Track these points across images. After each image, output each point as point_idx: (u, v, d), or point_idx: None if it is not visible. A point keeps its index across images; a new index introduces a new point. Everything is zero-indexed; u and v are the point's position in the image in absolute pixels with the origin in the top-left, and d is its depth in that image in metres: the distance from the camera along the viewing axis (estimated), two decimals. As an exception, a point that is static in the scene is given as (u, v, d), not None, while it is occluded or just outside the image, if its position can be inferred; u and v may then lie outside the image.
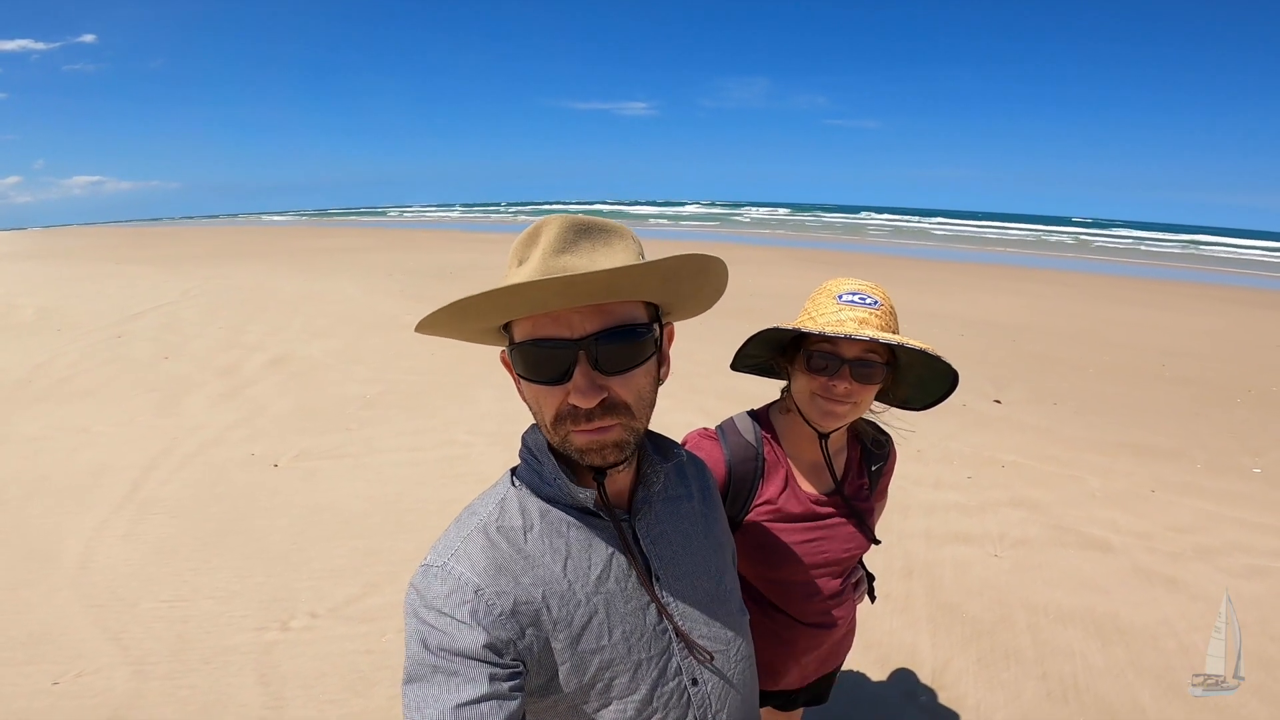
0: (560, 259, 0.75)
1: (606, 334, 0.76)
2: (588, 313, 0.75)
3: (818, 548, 1.32)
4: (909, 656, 2.80)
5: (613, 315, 0.77)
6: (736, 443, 1.31)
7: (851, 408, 1.20)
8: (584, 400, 0.76)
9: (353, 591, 3.19)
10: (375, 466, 4.58)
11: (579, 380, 0.75)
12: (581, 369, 0.75)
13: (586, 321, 0.75)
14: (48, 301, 10.93)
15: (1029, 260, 21.43)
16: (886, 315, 1.19)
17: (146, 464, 4.59)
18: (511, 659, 0.78)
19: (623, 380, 0.78)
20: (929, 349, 1.13)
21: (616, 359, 0.77)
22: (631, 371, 0.79)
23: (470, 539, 0.83)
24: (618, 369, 0.77)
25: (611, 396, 0.78)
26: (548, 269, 0.74)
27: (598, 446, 0.79)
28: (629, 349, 0.78)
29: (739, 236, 30.99)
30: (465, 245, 22.91)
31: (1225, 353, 8.20)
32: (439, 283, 13.04)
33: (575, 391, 0.75)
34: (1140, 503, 4.16)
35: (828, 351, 1.18)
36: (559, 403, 0.78)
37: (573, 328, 0.75)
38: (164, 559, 3.45)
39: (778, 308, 9.84)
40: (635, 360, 0.79)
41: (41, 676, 2.65)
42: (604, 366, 0.77)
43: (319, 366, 7.06)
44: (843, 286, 1.22)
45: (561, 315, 0.75)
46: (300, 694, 2.57)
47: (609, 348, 0.76)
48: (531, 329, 0.76)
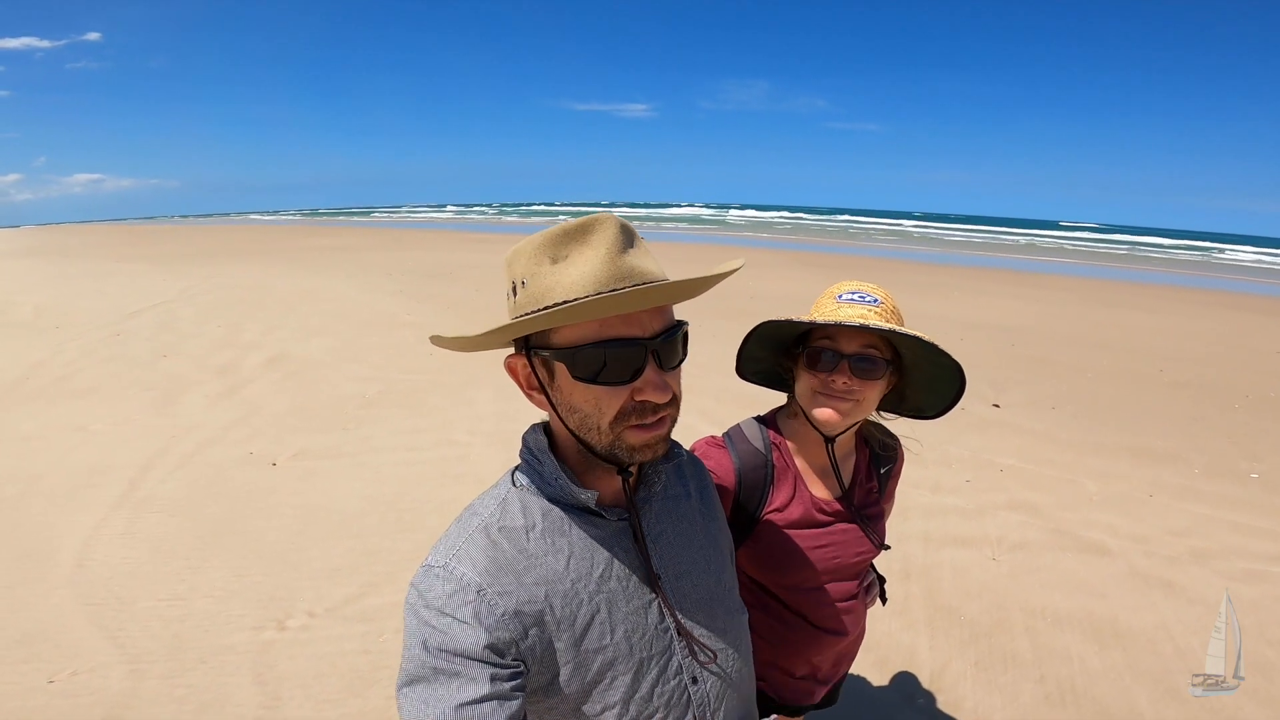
0: (626, 259, 0.76)
1: (668, 332, 0.80)
2: (655, 313, 0.79)
3: (829, 553, 1.31)
4: (907, 659, 2.80)
5: (668, 316, 0.82)
6: (745, 450, 1.31)
7: (854, 406, 1.18)
8: (662, 395, 0.79)
9: (350, 591, 3.19)
10: (373, 466, 4.58)
11: (653, 377, 0.78)
12: (653, 366, 0.78)
13: (654, 321, 0.79)
14: (45, 299, 10.91)
15: (1028, 264, 21.46)
16: (887, 313, 1.18)
17: (144, 463, 4.58)
18: (513, 659, 0.78)
19: (675, 375, 0.83)
20: (924, 336, 1.11)
21: (673, 355, 0.82)
22: (679, 367, 0.84)
23: (472, 539, 0.83)
24: (674, 364, 0.82)
25: (672, 390, 0.82)
26: (618, 269, 0.75)
27: (654, 441, 0.82)
28: (680, 346, 0.83)
29: (737, 239, 31.01)
30: (462, 245, 22.91)
31: (1224, 357, 8.22)
32: (437, 282, 13.03)
33: (651, 388, 0.78)
34: (1138, 507, 4.17)
35: (827, 347, 1.18)
36: (624, 401, 0.79)
37: (644, 327, 0.78)
38: (161, 558, 3.44)
39: (776, 310, 9.85)
40: (682, 355, 0.84)
41: (37, 675, 2.64)
42: (666, 363, 0.80)
43: (317, 365, 7.05)
44: (843, 287, 1.23)
45: (633, 316, 0.77)
46: (297, 694, 2.56)
47: (669, 345, 0.80)
48: (599, 330, 0.77)
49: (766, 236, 33.17)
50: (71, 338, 8.17)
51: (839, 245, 27.86)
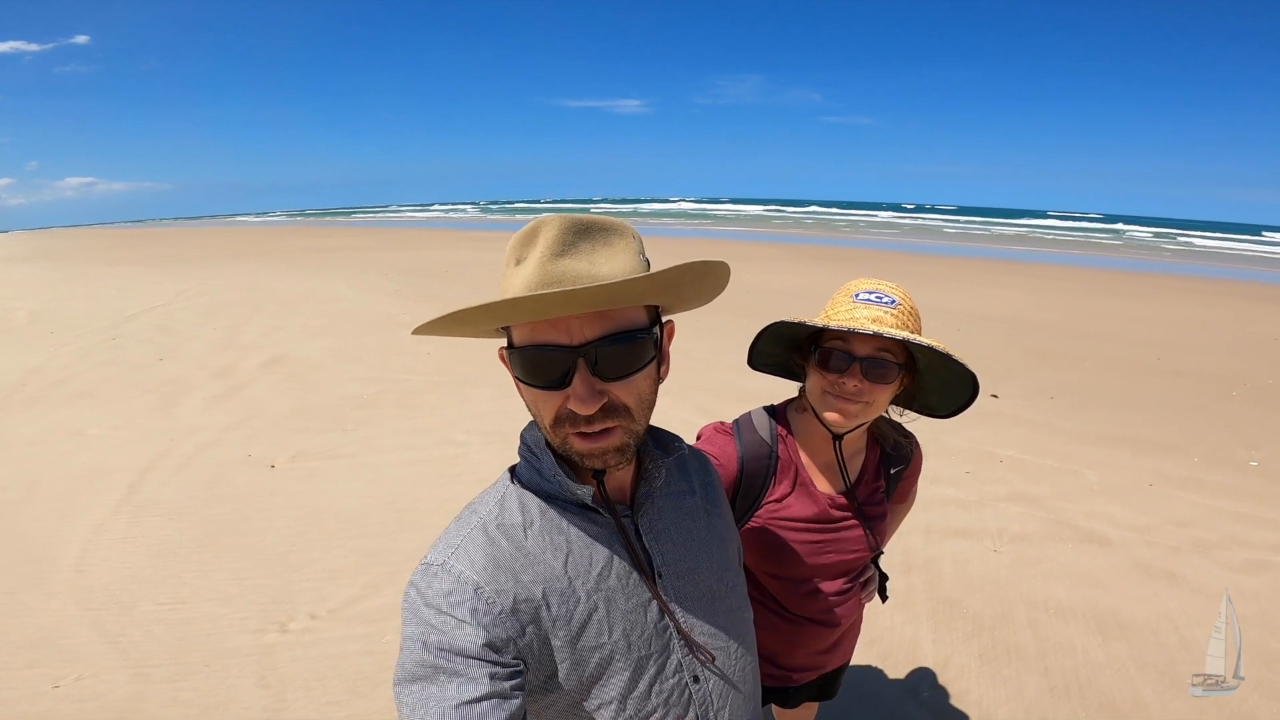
0: (559, 263, 0.73)
1: (606, 340, 0.75)
2: (588, 319, 0.74)
3: (825, 549, 1.31)
4: (910, 652, 2.81)
5: (612, 321, 0.75)
6: (751, 439, 1.30)
7: (863, 408, 1.18)
8: (583, 407, 0.75)
9: (352, 592, 3.18)
10: (373, 466, 4.57)
11: (578, 387, 0.74)
12: (581, 375, 0.74)
13: (586, 328, 0.74)
14: (41, 304, 10.88)
15: (1023, 255, 21.48)
16: (904, 315, 1.16)
17: (143, 466, 4.57)
18: (512, 658, 0.77)
19: (623, 385, 0.77)
20: (939, 346, 1.10)
21: (617, 364, 0.76)
22: (632, 376, 0.78)
23: (470, 537, 0.83)
24: (618, 374, 0.76)
25: (612, 400, 0.77)
26: (546, 274, 0.73)
27: (599, 451, 0.79)
28: (629, 354, 0.77)
29: (733, 233, 31.00)
30: (459, 243, 22.90)
31: (1221, 346, 8.23)
32: (434, 281, 13.02)
33: (574, 398, 0.75)
34: (1138, 497, 4.18)
35: (840, 349, 1.16)
36: (558, 406, 0.77)
37: (572, 334, 0.74)
38: (162, 561, 3.44)
39: (775, 304, 9.85)
40: (635, 365, 0.78)
41: (41, 680, 2.64)
42: (604, 372, 0.76)
43: (315, 367, 7.04)
44: (861, 285, 1.20)
45: (560, 321, 0.73)
46: (301, 696, 2.56)
47: (609, 353, 0.75)
48: (530, 334, 0.76)
49: (764, 230, 33.16)
50: (68, 342, 8.15)
51: (836, 238, 27.83)
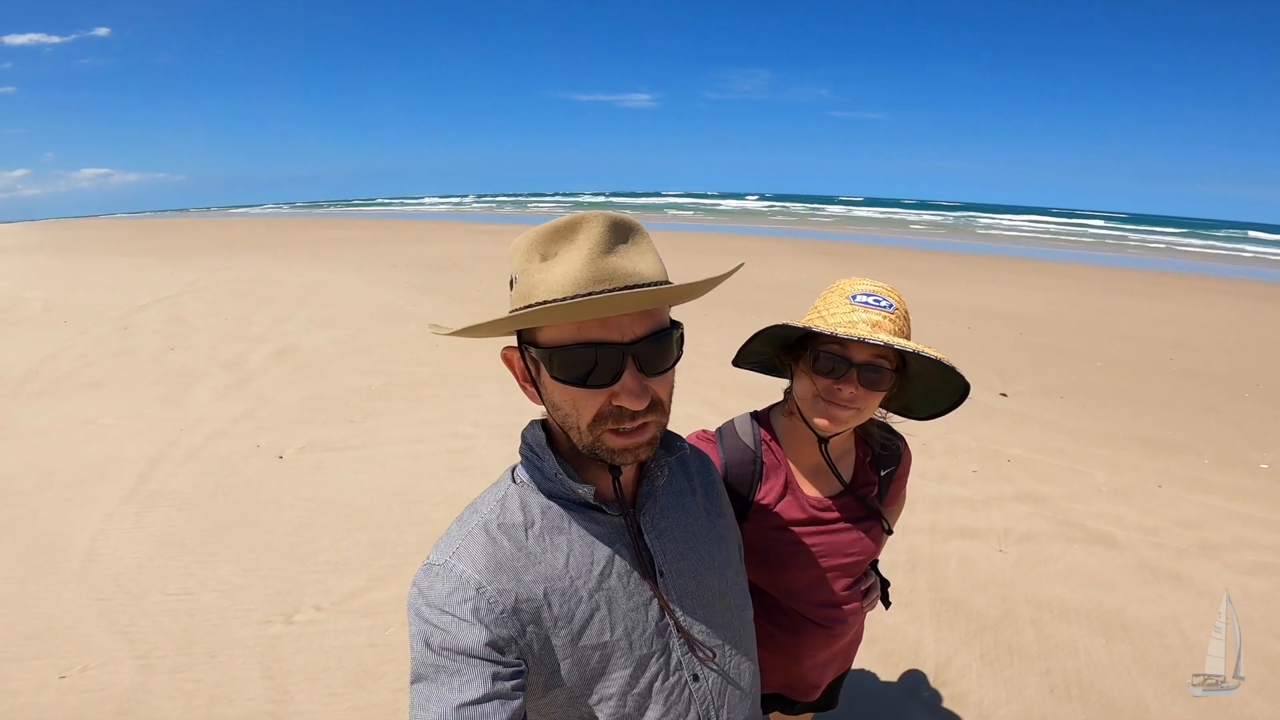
0: (609, 260, 0.74)
1: (652, 337, 0.77)
2: (638, 317, 0.76)
3: (820, 552, 1.29)
4: (912, 652, 2.80)
5: (655, 319, 0.78)
6: (733, 446, 1.28)
7: (855, 413, 1.16)
8: (637, 402, 0.76)
9: (357, 585, 3.20)
10: (380, 459, 4.59)
11: (630, 383, 0.76)
12: (631, 372, 0.76)
13: (636, 325, 0.76)
14: (54, 294, 10.97)
15: (1034, 252, 21.34)
16: (900, 319, 1.14)
17: (153, 456, 4.61)
18: (514, 657, 0.78)
19: (661, 380, 0.80)
20: (945, 359, 1.08)
21: (658, 360, 0.79)
22: (668, 371, 0.81)
23: (471, 537, 0.84)
24: (659, 370, 0.79)
25: (654, 396, 0.79)
26: (598, 271, 0.73)
27: (634, 446, 0.80)
28: (667, 350, 0.80)
29: (740, 227, 30.90)
30: (466, 236, 22.96)
31: (1233, 346, 8.15)
32: (443, 274, 13.05)
33: (627, 394, 0.76)
34: (1147, 498, 4.15)
35: (836, 353, 1.13)
36: (601, 404, 0.78)
37: (623, 331, 0.75)
38: (170, 552, 3.47)
39: (782, 300, 9.82)
40: (672, 360, 0.81)
41: (48, 670, 2.67)
42: (648, 368, 0.78)
43: (324, 358, 7.07)
44: (857, 287, 1.16)
45: (610, 320, 0.74)
46: (305, 687, 2.58)
47: (653, 349, 0.77)
48: (576, 332, 0.75)
49: (769, 225, 33.04)
50: (80, 332, 8.22)
51: (843, 233, 27.72)
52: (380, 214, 50.05)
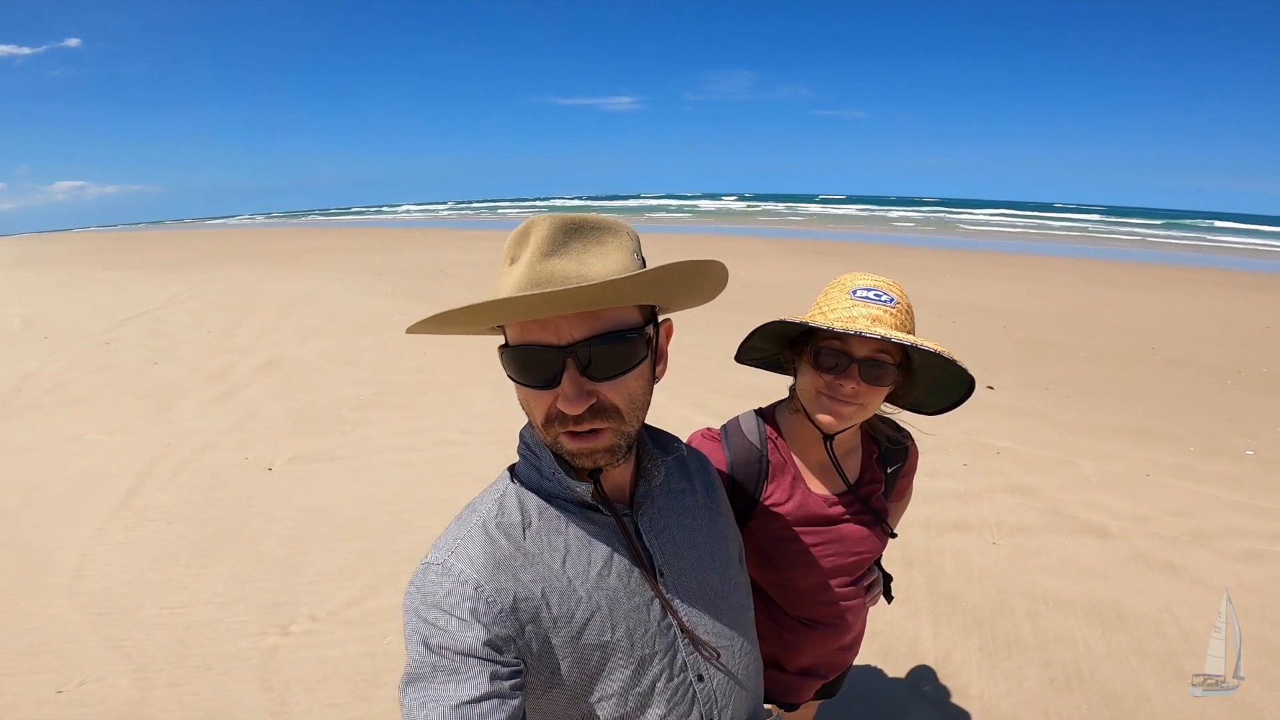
0: (548, 263, 0.73)
1: (595, 340, 0.74)
2: (576, 319, 0.74)
3: (826, 551, 1.28)
4: (911, 647, 2.81)
5: (602, 321, 0.75)
6: (739, 444, 1.27)
7: (857, 409, 1.15)
8: (571, 407, 0.75)
9: (352, 594, 3.18)
10: (370, 468, 4.56)
11: (566, 387, 0.74)
12: (569, 375, 0.74)
13: (574, 328, 0.74)
14: (33, 310, 10.80)
15: (1017, 246, 21.54)
16: (902, 314, 1.13)
17: (140, 471, 4.55)
18: (513, 657, 0.78)
19: (612, 385, 0.77)
20: (945, 352, 1.08)
21: (606, 364, 0.76)
22: (622, 376, 0.77)
23: (470, 536, 0.83)
24: (607, 374, 0.76)
25: (601, 401, 0.77)
26: (534, 274, 0.73)
27: (587, 451, 0.79)
28: (619, 354, 0.76)
29: (727, 228, 30.99)
30: (454, 243, 22.83)
31: (1215, 335, 8.27)
32: (429, 281, 12.98)
33: (562, 398, 0.75)
34: (1136, 487, 4.19)
35: (837, 349, 1.13)
36: (548, 406, 0.77)
37: (560, 334, 0.74)
38: (162, 565, 3.43)
39: (771, 298, 9.85)
40: (626, 365, 0.77)
41: (44, 686, 2.63)
42: (593, 372, 0.76)
43: (311, 368, 7.02)
44: (858, 282, 1.16)
45: (549, 321, 0.74)
46: (304, 698, 2.56)
47: (598, 353, 0.75)
48: (521, 333, 0.76)
49: (754, 224, 33.16)
50: (61, 347, 8.10)
51: (829, 231, 27.86)
52: (359, 222, 49.80)
